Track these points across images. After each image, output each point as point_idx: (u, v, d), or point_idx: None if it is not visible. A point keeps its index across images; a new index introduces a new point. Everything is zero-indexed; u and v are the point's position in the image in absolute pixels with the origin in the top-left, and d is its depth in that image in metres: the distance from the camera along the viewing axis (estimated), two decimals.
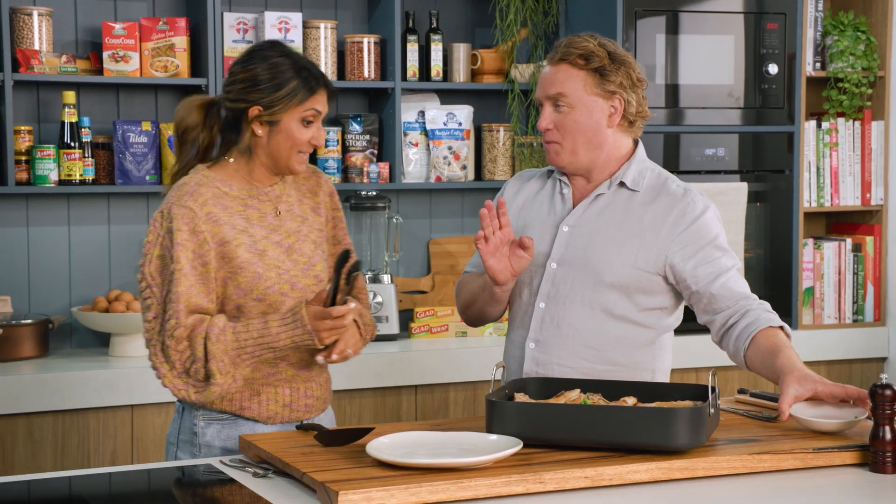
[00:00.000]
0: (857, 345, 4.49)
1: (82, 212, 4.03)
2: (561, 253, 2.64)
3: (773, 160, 4.39)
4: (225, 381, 2.45)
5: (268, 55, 2.52)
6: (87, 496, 2.24)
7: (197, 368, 2.45)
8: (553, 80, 2.60)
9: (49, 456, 3.57)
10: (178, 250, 2.45)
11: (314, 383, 2.62)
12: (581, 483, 2.14)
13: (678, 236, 2.60)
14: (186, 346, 2.44)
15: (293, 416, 2.59)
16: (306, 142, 2.53)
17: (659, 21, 4.20)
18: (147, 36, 3.94)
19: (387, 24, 4.21)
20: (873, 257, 4.55)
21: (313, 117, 2.52)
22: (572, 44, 2.60)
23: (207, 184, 2.53)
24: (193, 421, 2.57)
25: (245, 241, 2.51)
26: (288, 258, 2.56)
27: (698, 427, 2.24)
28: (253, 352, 2.45)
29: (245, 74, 2.52)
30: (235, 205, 2.53)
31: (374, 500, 2.01)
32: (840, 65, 4.45)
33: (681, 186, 2.66)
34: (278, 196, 2.60)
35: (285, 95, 2.49)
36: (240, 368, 2.47)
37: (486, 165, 4.39)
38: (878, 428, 2.27)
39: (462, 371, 3.95)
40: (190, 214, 2.47)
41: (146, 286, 2.49)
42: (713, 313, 2.60)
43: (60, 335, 4.02)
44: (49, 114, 3.99)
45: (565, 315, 2.62)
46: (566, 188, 2.69)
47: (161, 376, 2.48)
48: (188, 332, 2.44)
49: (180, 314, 2.44)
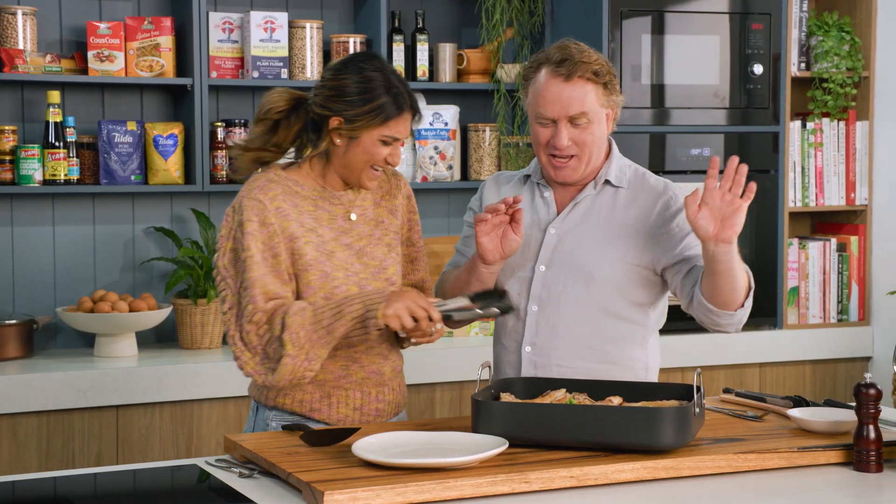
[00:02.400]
0: (841, 344, 4.51)
1: (67, 212, 4.02)
2: (549, 256, 2.65)
3: (758, 160, 4.40)
4: (297, 355, 2.39)
5: (362, 67, 2.49)
6: (71, 497, 2.24)
7: (275, 348, 2.41)
8: (572, 99, 2.56)
9: (34, 456, 3.55)
10: (248, 240, 2.45)
11: (386, 388, 2.62)
12: (567, 483, 2.14)
13: (663, 227, 2.62)
14: (266, 329, 2.42)
15: (364, 420, 2.59)
16: (382, 159, 2.51)
17: (644, 21, 4.20)
18: (132, 35, 3.93)
19: (373, 24, 4.20)
20: (858, 257, 4.57)
21: (392, 141, 2.51)
22: (582, 59, 2.56)
23: (278, 181, 2.53)
24: (266, 422, 2.57)
25: (313, 239, 2.51)
26: (358, 261, 2.55)
27: (684, 427, 2.25)
28: (329, 325, 2.39)
29: (335, 83, 2.50)
30: (306, 204, 2.53)
31: (359, 500, 2.01)
32: (825, 65, 4.46)
33: (660, 181, 2.70)
34: (351, 201, 2.59)
35: (368, 113, 2.47)
36: (316, 347, 2.40)
37: (473, 165, 4.39)
38: (862, 427, 2.28)
39: (448, 371, 3.95)
40: (259, 206, 2.47)
41: (221, 279, 2.49)
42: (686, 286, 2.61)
43: (45, 335, 4.01)
44: (33, 113, 3.98)
45: (560, 316, 2.63)
46: (547, 191, 2.70)
47: (243, 365, 2.45)
48: (267, 315, 2.42)
49: (257, 299, 2.42)
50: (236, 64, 4.07)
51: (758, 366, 4.40)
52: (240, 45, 4.06)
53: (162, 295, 4.08)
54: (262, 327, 2.42)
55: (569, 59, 2.56)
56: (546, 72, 2.59)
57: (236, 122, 4.07)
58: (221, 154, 4.01)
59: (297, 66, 4.10)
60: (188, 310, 3.94)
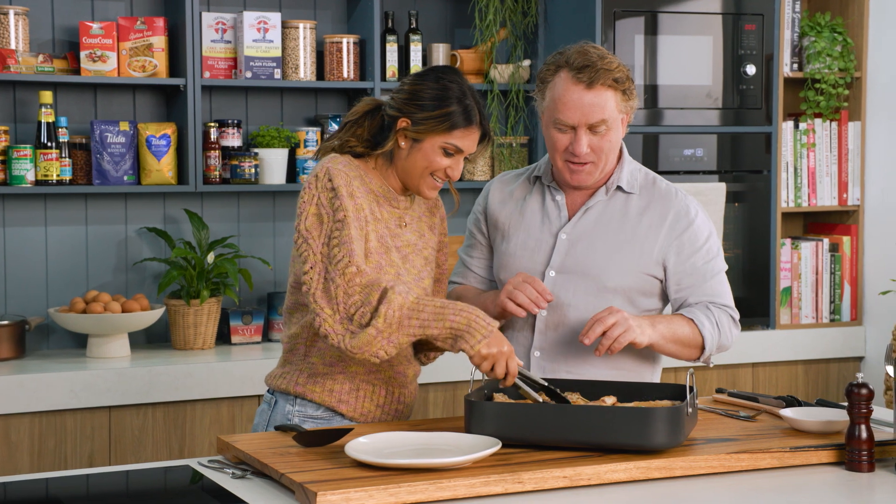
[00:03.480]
0: (834, 344, 4.52)
1: (59, 212, 4.01)
2: (560, 261, 2.64)
3: (751, 160, 4.41)
4: (384, 331, 2.35)
5: (440, 77, 2.54)
6: (64, 498, 2.23)
7: (364, 312, 2.37)
8: (593, 107, 2.54)
9: (26, 457, 3.55)
10: (343, 200, 2.45)
11: (407, 390, 2.64)
12: (559, 483, 2.14)
13: (674, 241, 2.63)
14: (358, 291, 2.38)
15: (383, 419, 2.61)
16: (442, 168, 2.53)
17: (637, 22, 4.21)
18: (125, 36, 3.93)
19: (366, 25, 4.20)
20: (850, 257, 4.57)
21: (454, 151, 2.52)
22: (604, 66, 2.54)
23: (352, 166, 2.54)
24: (288, 416, 2.57)
25: (378, 228, 2.53)
26: (403, 265, 2.57)
27: (676, 427, 2.25)
28: (426, 319, 2.36)
29: (411, 87, 2.54)
30: (372, 197, 2.55)
31: (352, 501, 2.01)
32: (817, 66, 4.47)
33: (671, 187, 2.69)
34: (407, 208, 2.62)
35: (433, 118, 2.49)
36: (402, 332, 2.36)
37: (466, 166, 4.38)
38: (854, 427, 2.28)
39: (441, 371, 3.95)
40: (347, 178, 2.49)
41: (302, 241, 2.46)
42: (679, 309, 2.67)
43: (37, 336, 4.00)
44: (26, 114, 3.97)
45: (569, 322, 2.63)
46: (559, 195, 2.69)
47: (321, 322, 2.40)
48: (366, 279, 2.38)
49: (354, 254, 2.40)
50: (229, 64, 4.06)
51: (750, 366, 4.40)
52: (233, 45, 4.06)
53: (154, 295, 4.08)
54: (353, 285, 2.38)
55: (591, 66, 2.54)
56: (566, 76, 2.56)
57: (229, 122, 4.07)
58: (214, 154, 4.01)
59: (291, 66, 4.10)
60: (181, 310, 3.93)
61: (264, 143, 4.10)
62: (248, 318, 4.07)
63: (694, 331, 2.58)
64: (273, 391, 2.62)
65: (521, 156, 4.39)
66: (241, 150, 4.08)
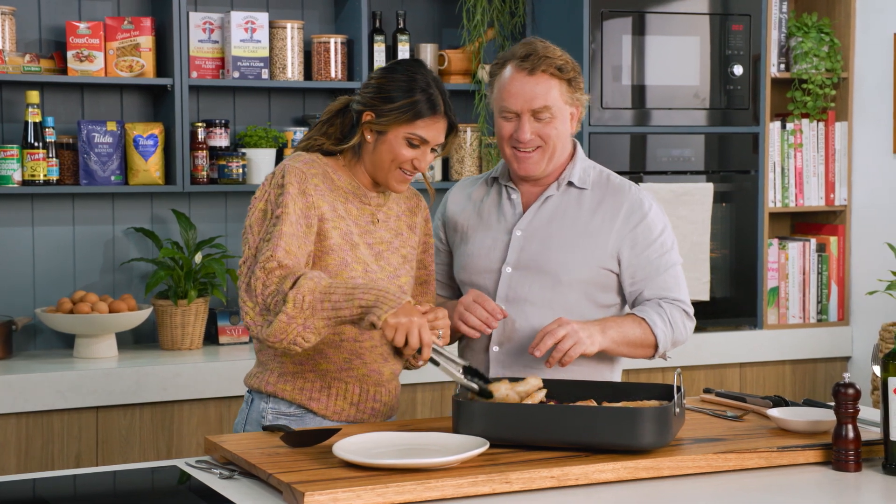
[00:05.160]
0: (821, 344, 4.53)
1: (46, 212, 4.00)
2: (516, 257, 2.66)
3: (738, 161, 4.41)
4: (295, 317, 2.33)
5: (405, 69, 2.54)
6: (50, 499, 2.23)
7: (276, 301, 2.36)
8: (534, 93, 2.58)
9: (13, 458, 3.54)
10: (287, 199, 2.45)
11: (384, 389, 2.62)
12: (547, 483, 2.15)
13: (629, 233, 2.65)
14: (275, 282, 2.37)
15: (358, 417, 2.59)
16: (408, 160, 2.52)
17: (625, 22, 4.21)
18: (112, 35, 3.92)
19: (353, 25, 4.20)
20: (837, 257, 4.59)
21: (419, 142, 2.51)
22: (546, 54, 2.59)
23: (319, 164, 2.55)
24: (262, 414, 2.57)
25: (341, 226, 2.52)
26: (375, 262, 2.56)
27: (664, 426, 2.25)
28: (336, 302, 2.34)
29: (377, 81, 2.54)
30: (338, 193, 2.55)
31: (340, 501, 2.01)
32: (804, 66, 4.49)
33: (624, 182, 2.72)
34: (380, 205, 2.61)
35: (395, 109, 2.49)
36: (316, 317, 2.34)
37: (454, 166, 4.39)
38: (840, 427, 2.29)
39: (429, 372, 3.94)
40: (302, 176, 2.49)
41: (245, 235, 2.49)
42: (634, 306, 2.69)
43: (24, 336, 3.99)
44: (12, 113, 3.96)
45: (527, 318, 2.64)
46: (514, 193, 2.71)
47: (244, 315, 2.42)
48: (284, 271, 2.38)
49: (277, 249, 2.39)
50: (217, 64, 4.06)
51: (738, 366, 4.41)
52: (220, 45, 4.06)
53: (142, 296, 4.07)
54: (271, 277, 2.38)
55: (533, 54, 2.59)
56: (510, 67, 2.62)
57: (217, 122, 4.07)
58: (202, 154, 4.00)
59: (278, 66, 4.09)
60: (168, 311, 3.93)
61: (252, 143, 4.09)
62: (235, 319, 4.06)
63: (646, 331, 2.60)
64: (250, 390, 2.63)
65: None
66: (229, 150, 4.08)
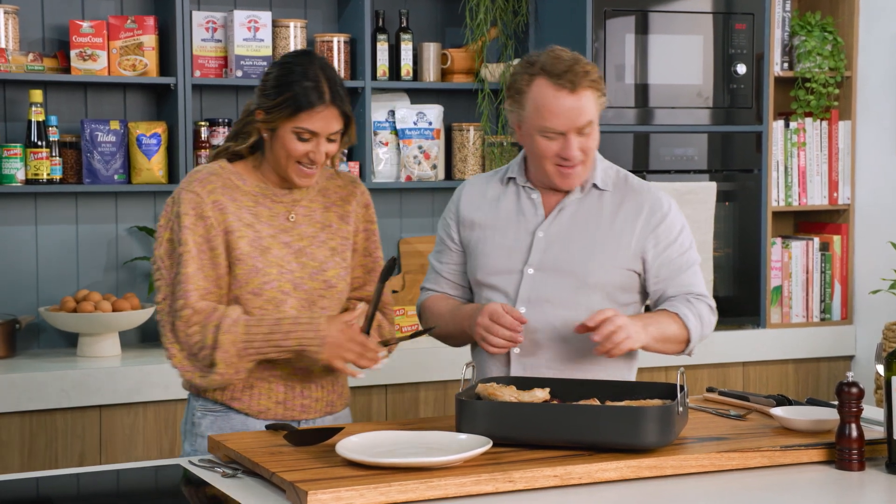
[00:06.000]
0: (824, 343, 4.53)
1: (50, 211, 4.00)
2: (538, 259, 2.65)
3: (741, 160, 4.41)
4: (227, 372, 2.45)
5: (289, 62, 2.51)
6: (54, 497, 2.23)
7: (205, 355, 2.44)
8: (580, 110, 2.55)
9: (16, 457, 3.54)
10: (185, 233, 2.47)
11: (314, 384, 2.61)
12: (550, 482, 2.15)
13: (651, 234, 2.65)
14: (196, 331, 2.44)
15: (288, 415, 2.58)
16: (302, 154, 2.49)
17: (628, 21, 4.21)
18: (115, 34, 3.92)
19: (356, 24, 4.20)
20: (840, 256, 4.58)
21: (308, 135, 2.48)
22: (584, 69, 2.56)
23: (220, 174, 2.54)
24: (193, 411, 2.60)
25: (248, 234, 2.52)
26: (295, 260, 2.55)
27: (667, 425, 2.25)
28: (259, 347, 2.44)
29: (264, 77, 2.53)
30: (246, 199, 2.54)
31: (343, 500, 2.01)
32: (807, 65, 4.48)
33: (643, 183, 2.72)
34: (296, 200, 2.59)
35: (277, 105, 2.47)
36: (244, 361, 2.45)
37: (457, 165, 4.39)
38: (844, 426, 2.29)
39: (432, 370, 3.95)
40: (197, 199, 2.48)
41: (157, 268, 2.52)
42: (658, 303, 2.71)
43: (28, 335, 3.99)
44: (16, 112, 3.96)
45: (548, 319, 2.63)
46: (534, 193, 2.70)
47: (170, 356, 2.48)
48: (201, 317, 2.43)
49: (189, 295, 2.44)
50: (220, 63, 4.06)
51: (741, 365, 4.41)
52: (223, 44, 4.06)
53: (145, 294, 4.07)
54: (191, 326, 2.45)
55: (570, 71, 2.55)
56: (547, 84, 2.56)
57: (220, 121, 4.07)
58: (205, 153, 4.00)
59: None
60: None
61: None
62: None
63: (680, 326, 2.61)
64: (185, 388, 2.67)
65: (511, 154, 4.39)
66: None
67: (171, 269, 2.49)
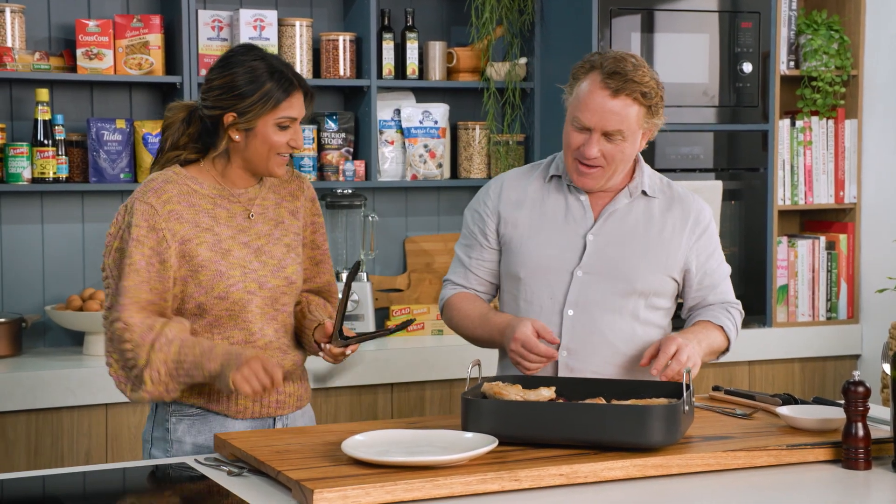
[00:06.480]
0: (830, 342, 4.52)
1: (56, 210, 4.01)
2: (589, 262, 2.65)
3: (747, 158, 4.41)
4: (155, 390, 2.45)
5: (243, 60, 2.50)
6: (61, 496, 2.23)
7: (136, 374, 2.44)
8: (612, 115, 2.55)
9: (22, 455, 3.55)
10: (132, 245, 2.45)
11: (287, 381, 2.61)
12: (556, 480, 2.14)
13: (695, 243, 2.69)
14: (129, 348, 2.44)
15: (264, 412, 2.59)
16: (284, 144, 2.51)
17: (634, 20, 4.21)
18: (121, 33, 3.92)
19: (362, 22, 4.20)
20: (847, 255, 4.58)
21: (289, 123, 2.51)
22: (634, 78, 2.55)
23: (176, 181, 2.53)
24: (166, 417, 2.57)
25: (208, 239, 2.51)
26: (256, 259, 2.55)
27: (673, 424, 2.25)
28: (189, 369, 2.43)
29: (220, 81, 2.50)
30: (204, 202, 2.53)
31: (349, 499, 2.01)
32: (814, 63, 4.47)
33: (685, 190, 2.75)
34: (252, 199, 2.59)
35: (258, 101, 2.47)
36: (174, 382, 2.45)
37: (462, 164, 4.39)
38: (850, 425, 2.28)
39: (438, 369, 3.95)
40: (150, 211, 2.47)
41: (105, 277, 2.52)
42: (696, 309, 2.75)
43: (34, 334, 4.00)
44: (22, 111, 3.97)
45: (596, 323, 2.64)
46: (583, 195, 2.69)
47: (109, 366, 2.49)
48: (135, 334, 2.43)
49: (124, 309, 2.44)
50: None
51: (747, 364, 4.41)
52: (229, 42, 4.06)
53: None
54: (124, 342, 2.44)
55: (621, 74, 2.54)
56: (595, 79, 2.56)
57: None
58: None
59: None
60: None
61: None
62: None
63: (723, 337, 2.68)
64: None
65: (517, 153, 4.39)
66: None
67: (116, 279, 2.48)
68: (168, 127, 2.59)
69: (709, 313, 2.70)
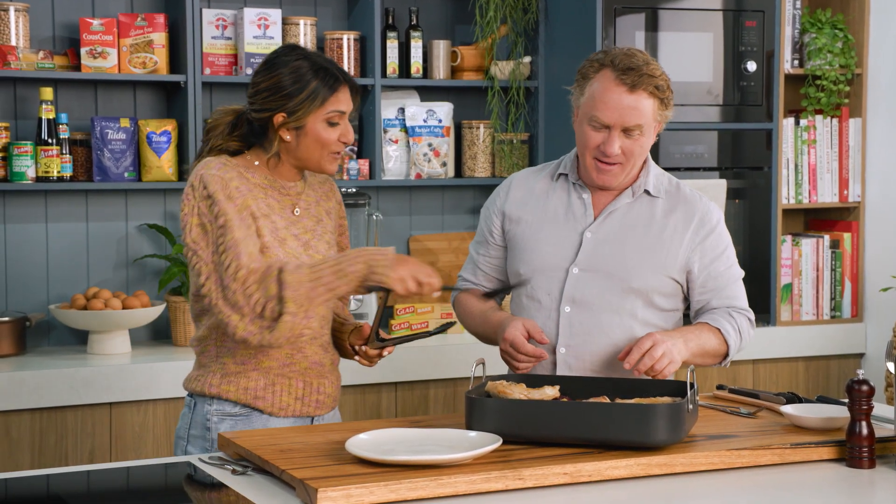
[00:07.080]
0: (834, 341, 4.52)
1: (60, 209, 4.01)
2: (585, 259, 2.65)
3: (751, 157, 4.40)
4: (297, 312, 2.38)
5: (287, 60, 2.52)
6: (65, 495, 2.23)
7: (271, 307, 2.39)
8: (632, 110, 2.56)
9: (26, 454, 3.55)
10: (222, 205, 2.45)
11: (326, 380, 2.62)
12: (560, 479, 2.14)
13: (699, 245, 2.67)
14: (255, 288, 2.39)
15: (304, 411, 2.59)
16: (335, 141, 2.54)
17: (638, 18, 4.20)
18: (125, 32, 3.93)
19: (366, 21, 4.20)
20: (851, 254, 4.57)
21: (338, 118, 2.53)
22: (649, 72, 2.57)
23: (230, 166, 2.54)
24: (206, 416, 2.57)
25: (268, 224, 2.52)
26: (305, 252, 2.56)
27: (677, 423, 2.25)
28: (328, 282, 2.38)
29: (267, 83, 2.52)
30: (257, 191, 2.55)
31: (353, 498, 2.01)
32: (818, 62, 4.47)
33: (694, 192, 2.73)
34: (298, 193, 2.61)
35: (306, 99, 2.49)
36: (314, 303, 2.39)
37: (466, 162, 4.39)
38: (854, 423, 2.28)
39: (442, 368, 3.95)
40: (222, 182, 2.48)
41: (192, 254, 2.48)
42: (701, 312, 2.73)
43: (38, 333, 4.00)
44: (26, 110, 3.97)
45: (594, 321, 2.64)
46: (585, 193, 2.70)
47: (234, 329, 2.42)
48: (257, 275, 2.40)
49: (241, 257, 2.41)
50: (230, 61, 4.06)
51: (751, 362, 4.40)
52: (233, 41, 4.06)
53: (155, 292, 4.08)
54: (249, 286, 2.40)
55: (635, 70, 2.56)
56: (609, 76, 2.57)
57: None
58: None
59: None
60: (181, 307, 3.93)
61: None
62: None
63: (719, 340, 2.64)
64: (192, 394, 2.63)
65: (521, 152, 4.39)
66: None
67: (208, 248, 2.45)
68: (212, 129, 2.61)
69: (709, 316, 2.68)
